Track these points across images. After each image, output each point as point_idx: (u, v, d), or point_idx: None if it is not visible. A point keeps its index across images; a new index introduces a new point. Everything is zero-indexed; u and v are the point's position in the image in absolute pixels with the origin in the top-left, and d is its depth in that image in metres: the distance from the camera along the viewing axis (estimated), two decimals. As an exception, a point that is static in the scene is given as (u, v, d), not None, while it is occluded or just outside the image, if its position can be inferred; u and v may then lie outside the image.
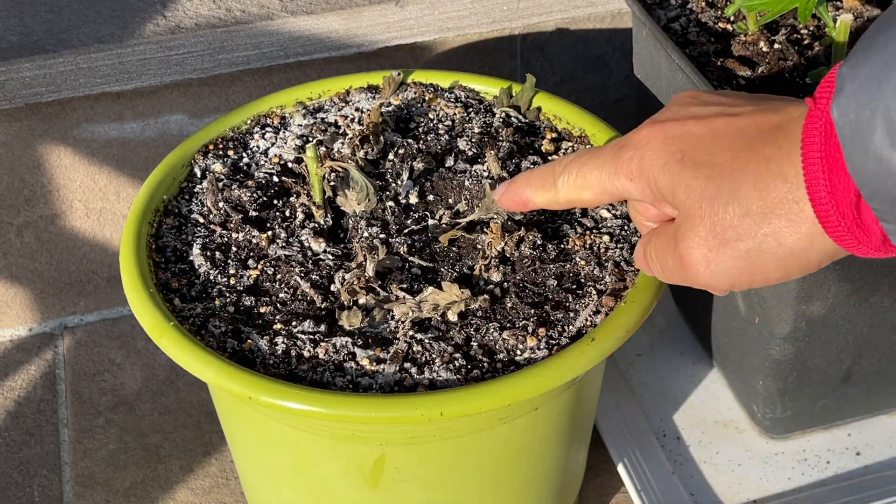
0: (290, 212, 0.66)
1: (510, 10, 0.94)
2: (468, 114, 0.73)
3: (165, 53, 0.86)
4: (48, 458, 0.85)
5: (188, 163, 0.70)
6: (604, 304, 0.58)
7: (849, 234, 0.43)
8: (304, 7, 0.89)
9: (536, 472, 0.65)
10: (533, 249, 0.62)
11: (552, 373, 0.54)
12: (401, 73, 0.76)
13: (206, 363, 0.55)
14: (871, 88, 0.39)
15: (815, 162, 0.42)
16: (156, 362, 0.92)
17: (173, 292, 0.61)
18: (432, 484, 0.61)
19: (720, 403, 0.83)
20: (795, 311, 0.69)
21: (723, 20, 0.79)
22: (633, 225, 0.63)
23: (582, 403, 0.65)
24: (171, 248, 0.64)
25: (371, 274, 0.60)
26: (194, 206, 0.67)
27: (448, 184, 0.67)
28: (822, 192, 0.42)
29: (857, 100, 0.40)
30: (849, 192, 0.42)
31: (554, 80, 1.00)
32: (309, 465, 0.62)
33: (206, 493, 0.82)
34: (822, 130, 0.42)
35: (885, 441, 0.80)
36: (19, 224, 0.91)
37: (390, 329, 0.58)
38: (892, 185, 0.39)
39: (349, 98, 0.76)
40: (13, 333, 0.96)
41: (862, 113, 0.40)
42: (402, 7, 0.90)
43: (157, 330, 0.57)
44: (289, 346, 0.57)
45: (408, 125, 0.73)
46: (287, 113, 0.75)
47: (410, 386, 0.55)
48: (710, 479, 0.78)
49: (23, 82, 0.83)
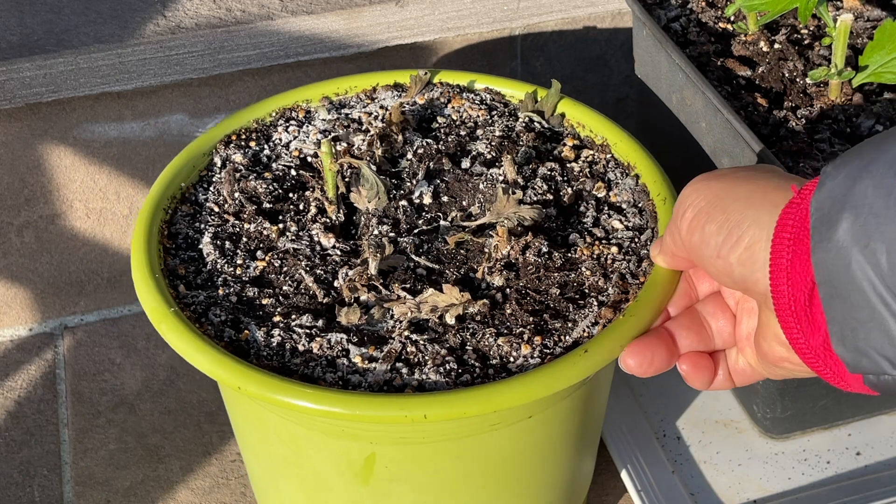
0: (303, 206, 0.66)
1: (510, 10, 0.94)
2: (491, 116, 0.73)
3: (165, 53, 0.86)
4: (48, 458, 0.85)
5: (209, 152, 0.71)
6: (602, 316, 0.58)
7: (795, 321, 0.46)
8: (305, 7, 0.89)
9: (534, 480, 0.65)
10: (538, 256, 0.61)
11: (540, 382, 0.53)
12: (428, 72, 0.75)
13: (200, 351, 0.56)
14: (847, 185, 0.43)
15: (783, 243, 0.46)
16: (156, 362, 0.92)
17: (179, 279, 0.62)
18: (425, 485, 0.61)
19: (720, 403, 0.83)
20: (795, 311, 0.69)
21: (723, 20, 0.79)
22: (644, 237, 0.63)
23: (584, 413, 0.65)
24: (183, 235, 0.65)
25: (374, 272, 0.60)
26: (211, 194, 0.68)
27: (463, 186, 0.67)
28: (784, 263, 0.46)
29: (832, 195, 0.44)
30: (806, 278, 0.45)
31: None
32: (303, 458, 0.62)
33: (206, 493, 0.82)
34: (796, 217, 0.45)
35: (885, 441, 0.80)
36: (19, 224, 0.91)
37: (387, 328, 0.58)
38: (845, 278, 0.43)
39: (375, 95, 0.76)
40: (13, 333, 0.96)
41: (833, 206, 0.43)
42: (403, 7, 0.90)
43: (158, 315, 0.58)
44: (284, 339, 0.57)
45: (430, 125, 0.73)
46: (312, 107, 0.75)
47: (399, 386, 0.55)
48: (710, 479, 0.78)
49: (23, 82, 0.83)
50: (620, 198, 0.66)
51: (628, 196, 0.66)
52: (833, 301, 0.44)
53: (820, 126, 0.69)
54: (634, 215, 0.65)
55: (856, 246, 0.42)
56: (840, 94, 0.71)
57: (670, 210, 0.62)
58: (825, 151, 0.67)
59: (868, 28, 0.78)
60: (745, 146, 0.67)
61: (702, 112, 0.72)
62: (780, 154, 0.66)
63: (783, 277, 0.46)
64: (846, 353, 0.44)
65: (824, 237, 0.43)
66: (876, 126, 0.69)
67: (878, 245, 0.41)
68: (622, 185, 0.67)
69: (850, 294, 0.43)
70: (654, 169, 0.67)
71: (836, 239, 0.43)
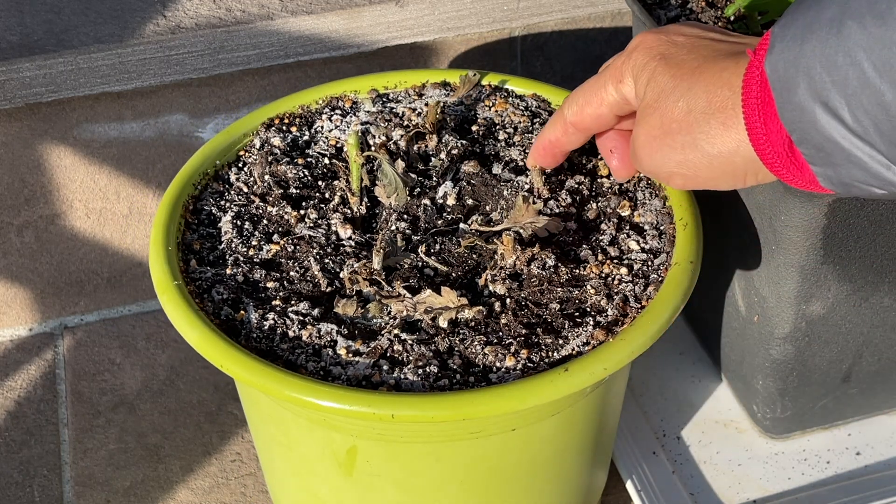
0: (329, 195, 0.67)
1: (510, 10, 0.94)
2: (533, 123, 0.72)
3: (165, 53, 0.86)
4: (48, 458, 0.85)
5: (250, 133, 0.72)
6: (595, 337, 0.57)
7: (783, 169, 0.48)
8: (304, 7, 0.89)
9: (526, 493, 0.65)
10: (543, 269, 0.60)
11: (513, 396, 0.53)
12: (477, 73, 0.75)
13: (192, 326, 0.57)
14: (795, 48, 0.45)
15: (752, 107, 0.48)
16: (156, 362, 0.93)
17: (194, 254, 0.63)
18: (405, 484, 0.61)
19: (720, 403, 0.83)
20: (795, 311, 0.69)
21: (723, 20, 0.79)
22: (657, 262, 0.62)
23: (581, 431, 0.64)
24: (207, 212, 0.66)
25: (377, 266, 0.60)
26: (242, 175, 0.69)
27: (489, 190, 0.67)
28: (759, 131, 0.48)
29: (783, 57, 0.45)
30: (781, 135, 0.47)
31: (554, 80, 1.00)
32: (292, 441, 0.63)
33: (206, 493, 0.82)
34: (759, 81, 0.47)
35: (885, 441, 0.80)
36: (19, 224, 0.91)
37: (380, 324, 0.58)
38: (815, 134, 0.45)
39: (423, 92, 0.76)
40: (13, 333, 0.96)
41: (787, 70, 0.45)
42: (402, 7, 0.90)
43: (161, 286, 0.59)
44: (277, 323, 0.58)
45: (469, 126, 0.73)
46: (359, 98, 0.75)
47: (376, 383, 0.55)
48: (710, 479, 0.78)
49: (23, 82, 0.83)
50: (644, 218, 0.65)
51: (652, 217, 0.65)
52: (810, 151, 0.46)
53: (820, 126, 0.69)
54: (653, 238, 0.63)
55: (817, 105, 0.44)
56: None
57: (689, 236, 0.62)
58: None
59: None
60: (744, 146, 0.67)
61: (702, 112, 0.72)
62: (779, 154, 0.66)
63: (762, 138, 0.48)
64: (835, 187, 0.47)
65: (786, 100, 0.45)
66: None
67: (836, 102, 0.43)
68: (648, 206, 0.65)
69: (824, 145, 0.45)
70: (684, 192, 0.65)
71: (797, 101, 0.45)
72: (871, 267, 0.68)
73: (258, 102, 0.92)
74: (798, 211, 0.64)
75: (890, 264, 0.69)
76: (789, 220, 0.65)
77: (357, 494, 0.63)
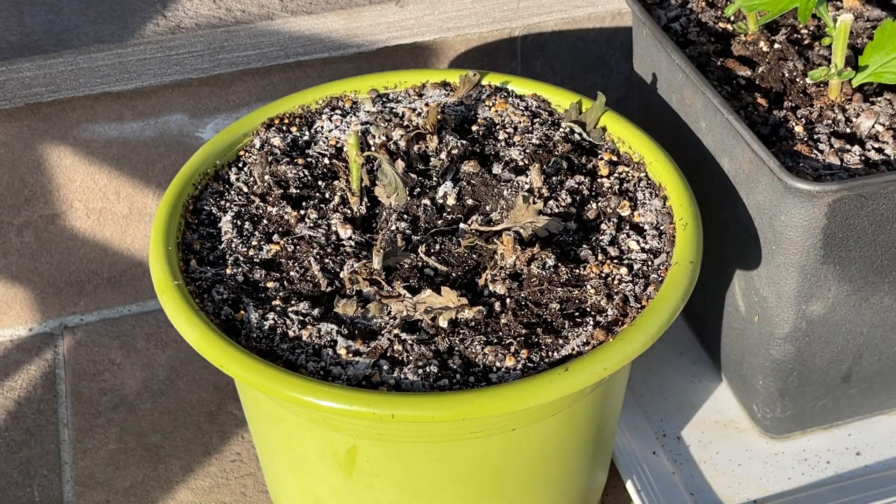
0: (329, 195, 0.67)
1: (510, 10, 0.94)
2: (533, 124, 0.72)
3: (165, 53, 0.86)
4: (48, 457, 0.85)
5: (250, 133, 0.72)
6: (595, 337, 0.57)
7: None
8: (304, 7, 0.89)
9: (527, 493, 0.65)
10: (543, 269, 0.61)
11: (513, 396, 0.53)
12: (477, 73, 0.75)
13: (192, 325, 0.57)
14: None
15: None
16: (156, 362, 0.92)
17: (194, 254, 0.63)
18: (408, 484, 0.61)
19: (720, 403, 0.83)
20: (795, 311, 0.69)
21: (723, 20, 0.79)
22: (657, 261, 0.62)
23: (581, 431, 0.64)
24: (207, 212, 0.66)
25: (377, 266, 0.60)
26: (242, 175, 0.69)
27: (489, 190, 0.67)
28: None
29: None
30: None
31: (554, 81, 1.00)
32: (292, 441, 0.63)
33: (206, 493, 0.82)
34: None
35: (885, 441, 0.80)
36: (19, 224, 0.91)
37: (380, 324, 0.58)
38: None
39: (423, 92, 0.76)
40: (13, 333, 0.96)
41: None
42: (402, 7, 0.90)
43: (161, 285, 0.60)
44: (277, 323, 0.58)
45: (469, 126, 0.73)
46: (359, 98, 0.75)
47: (376, 383, 0.55)
48: (710, 479, 0.78)
49: (23, 82, 0.83)
50: (644, 218, 0.65)
51: (652, 217, 0.65)
52: None
53: (820, 126, 0.69)
54: (653, 237, 0.64)
55: None
56: (840, 95, 0.71)
57: (689, 236, 0.62)
58: (825, 152, 0.67)
59: (868, 28, 0.78)
60: (744, 146, 0.67)
61: (702, 112, 0.72)
62: (779, 154, 0.66)
63: None
64: None
65: None
66: (875, 126, 0.69)
67: None
68: (648, 206, 0.66)
69: None
70: (684, 192, 0.65)
71: None
72: (871, 267, 0.68)
73: (258, 102, 0.92)
74: (798, 211, 0.64)
75: (890, 264, 0.69)
76: (789, 220, 0.65)
77: (357, 494, 0.63)
